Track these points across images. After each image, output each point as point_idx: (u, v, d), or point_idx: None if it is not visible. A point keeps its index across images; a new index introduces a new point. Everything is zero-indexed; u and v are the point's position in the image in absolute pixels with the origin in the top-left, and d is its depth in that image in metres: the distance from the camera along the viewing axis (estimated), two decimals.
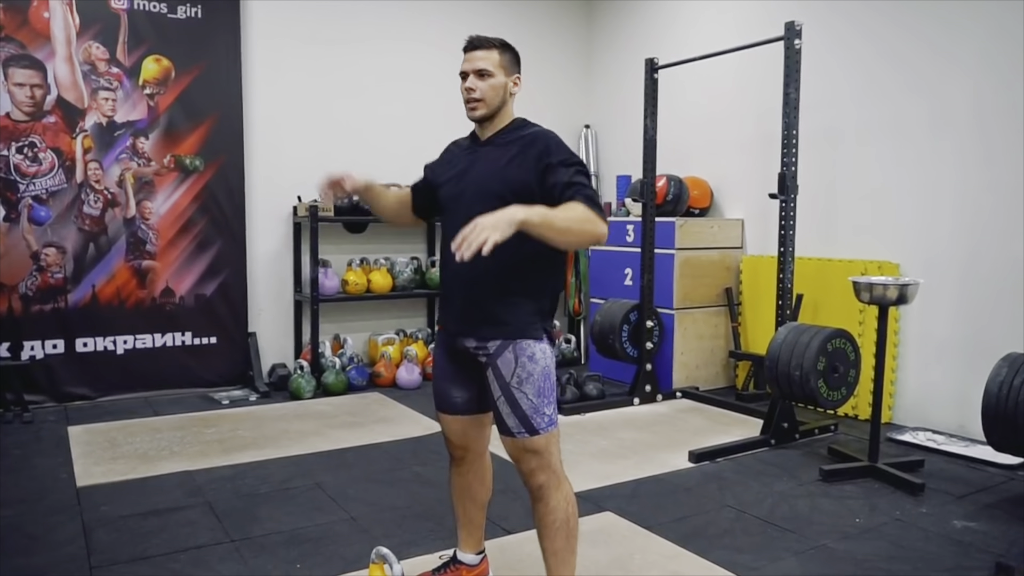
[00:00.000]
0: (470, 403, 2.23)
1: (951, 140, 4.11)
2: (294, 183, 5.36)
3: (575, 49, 6.59)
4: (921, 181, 4.25)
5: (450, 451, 2.33)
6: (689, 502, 3.22)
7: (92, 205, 4.74)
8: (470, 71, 2.09)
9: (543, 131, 2.12)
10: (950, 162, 4.12)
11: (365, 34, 5.60)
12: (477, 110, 2.10)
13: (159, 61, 4.86)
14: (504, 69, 2.11)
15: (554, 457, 2.08)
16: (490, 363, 2.08)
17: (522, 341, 2.06)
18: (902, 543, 2.82)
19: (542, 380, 2.06)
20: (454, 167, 2.20)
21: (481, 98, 2.08)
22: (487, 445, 2.35)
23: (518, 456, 2.07)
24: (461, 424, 2.25)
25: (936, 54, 4.16)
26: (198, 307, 5.06)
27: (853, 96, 4.57)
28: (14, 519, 2.96)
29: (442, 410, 2.27)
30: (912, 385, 4.35)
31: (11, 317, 4.55)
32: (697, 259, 5.16)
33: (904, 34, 4.30)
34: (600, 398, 4.85)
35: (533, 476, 2.06)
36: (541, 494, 2.06)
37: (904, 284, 3.39)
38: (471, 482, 2.34)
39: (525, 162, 2.03)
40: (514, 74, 2.14)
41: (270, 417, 4.49)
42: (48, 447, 3.87)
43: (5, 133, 4.49)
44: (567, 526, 2.07)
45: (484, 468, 2.36)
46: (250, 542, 2.79)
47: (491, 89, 2.09)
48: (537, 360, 2.06)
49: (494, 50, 2.10)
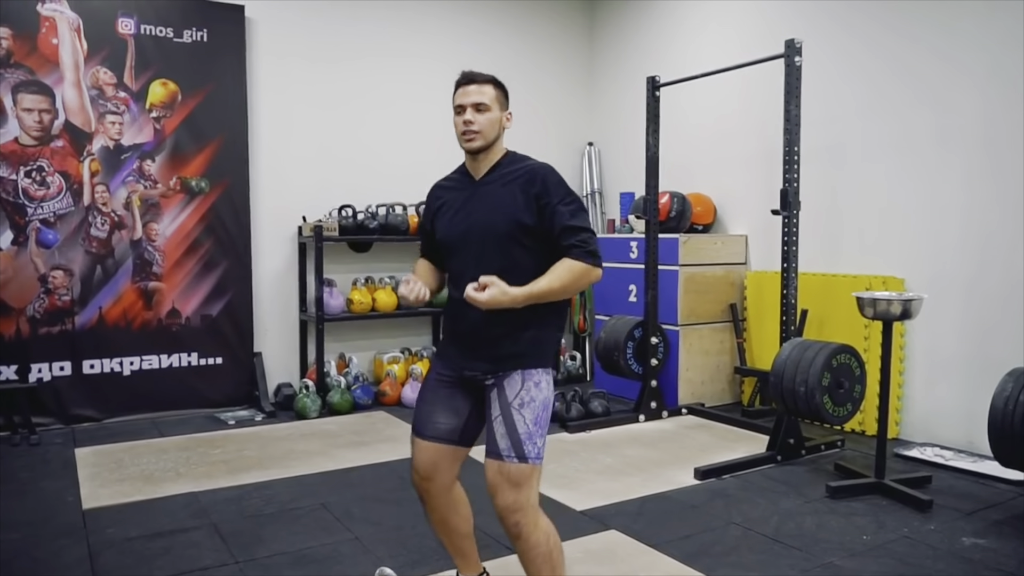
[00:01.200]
0: (452, 432, 2.19)
1: (957, 155, 4.11)
2: (299, 203, 5.40)
3: (577, 67, 6.64)
4: (927, 196, 4.25)
5: (415, 483, 2.26)
6: (695, 519, 3.21)
7: (99, 227, 4.78)
8: (467, 104, 2.12)
9: (538, 166, 2.15)
10: (956, 177, 4.12)
11: (369, 55, 5.65)
12: (475, 141, 2.12)
13: (165, 85, 4.92)
14: (499, 104, 2.16)
15: (533, 493, 2.04)
16: (496, 384, 2.09)
17: (532, 371, 2.09)
18: (910, 560, 2.79)
19: (541, 410, 2.08)
20: (452, 208, 2.20)
21: (479, 130, 2.11)
22: (453, 480, 2.27)
23: (497, 485, 2.02)
24: (434, 453, 2.19)
25: (942, 70, 4.17)
26: (204, 327, 5.08)
27: (858, 111, 4.58)
28: (20, 542, 2.96)
29: (420, 434, 2.21)
30: (919, 400, 4.33)
31: (19, 339, 4.58)
32: (701, 275, 5.16)
33: (910, 49, 4.32)
34: (605, 415, 4.84)
35: (509, 515, 2.01)
36: (518, 531, 2.03)
37: (908, 299, 3.38)
38: (445, 516, 2.28)
39: (526, 201, 2.08)
40: (506, 110, 2.20)
41: (276, 437, 4.50)
42: (55, 469, 3.88)
43: (14, 158, 4.55)
44: (551, 559, 2.05)
45: (454, 500, 2.29)
46: (255, 563, 2.78)
47: (488, 122, 2.13)
48: (542, 389, 2.09)
49: (489, 85, 2.15)
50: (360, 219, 5.40)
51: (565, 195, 2.09)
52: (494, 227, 2.09)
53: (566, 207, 2.06)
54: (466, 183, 2.21)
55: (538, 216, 2.07)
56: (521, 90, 6.31)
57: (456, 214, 2.18)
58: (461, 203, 2.18)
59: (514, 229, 2.08)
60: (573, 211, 2.07)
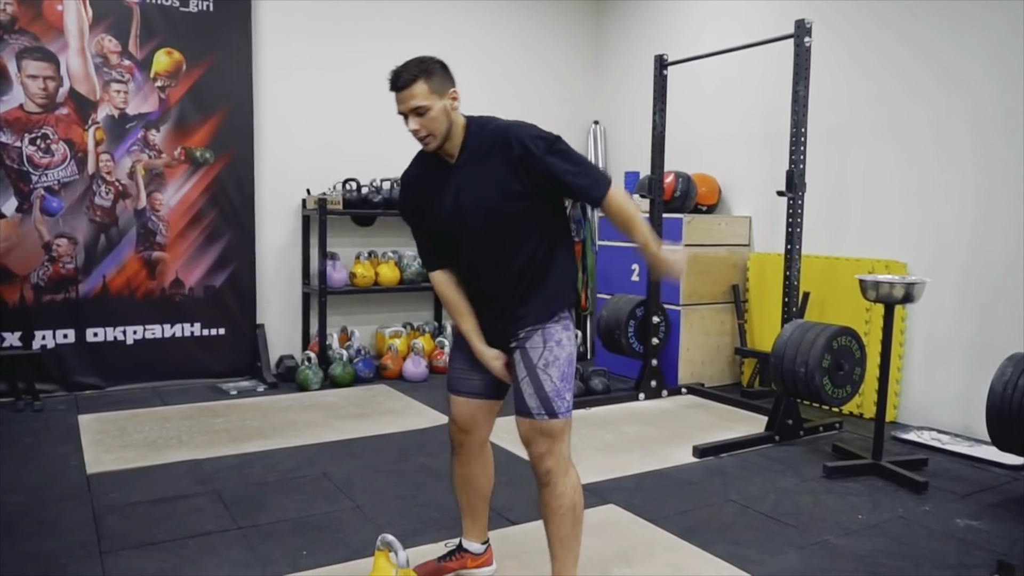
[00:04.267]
0: (487, 387, 2.27)
1: (961, 139, 4.10)
2: (303, 176, 5.39)
3: (584, 45, 6.59)
4: (931, 181, 4.24)
5: (452, 437, 2.35)
6: (692, 496, 3.24)
7: (103, 196, 4.78)
8: (406, 112, 2.03)
9: (506, 127, 2.09)
10: (960, 162, 4.11)
11: (375, 28, 5.62)
12: (430, 144, 2.07)
13: (171, 54, 4.89)
14: (437, 94, 2.02)
15: (565, 444, 2.12)
16: (519, 347, 2.13)
17: (551, 326, 2.12)
18: (904, 540, 2.83)
19: (566, 365, 2.12)
20: (438, 197, 2.14)
21: (428, 133, 2.04)
22: (489, 434, 2.38)
23: (531, 438, 2.10)
24: (471, 407, 2.29)
25: (948, 53, 4.15)
26: (207, 298, 5.10)
27: (863, 94, 4.56)
28: (25, 505, 3.00)
29: (456, 391, 2.30)
30: (918, 384, 4.35)
31: (23, 306, 4.60)
32: (704, 255, 5.17)
33: (917, 32, 4.29)
34: (605, 393, 4.87)
35: (542, 461, 2.09)
36: (549, 479, 2.09)
37: (910, 283, 3.39)
38: (473, 471, 2.37)
39: (512, 168, 2.03)
40: (448, 90, 2.05)
41: (277, 408, 4.53)
42: (59, 435, 3.92)
43: (18, 124, 4.54)
44: (573, 512, 2.10)
45: (485, 458, 2.38)
46: (257, 529, 2.82)
47: (433, 122, 2.03)
48: (564, 345, 2.12)
49: (419, 82, 2.00)
50: (364, 193, 5.39)
51: (542, 140, 2.04)
52: (490, 206, 2.07)
53: (553, 155, 2.03)
54: (443, 170, 2.13)
55: (529, 176, 2.03)
56: (526, 68, 6.32)
57: (446, 204, 2.12)
58: (447, 191, 2.11)
59: (509, 201, 2.06)
60: (563, 155, 2.04)
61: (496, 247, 2.10)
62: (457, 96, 2.09)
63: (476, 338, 2.22)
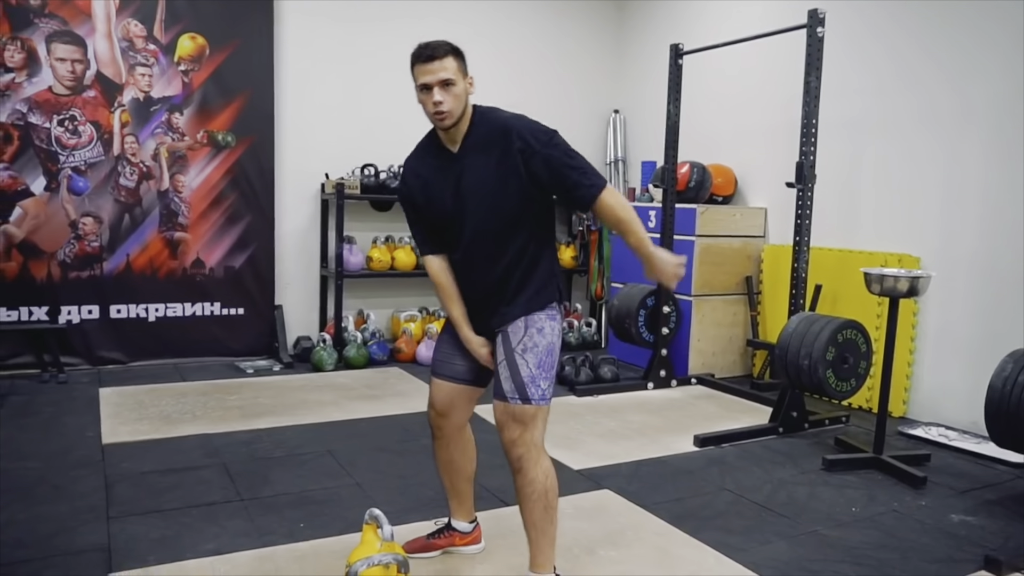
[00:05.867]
0: (469, 372, 2.32)
1: (977, 135, 4.04)
2: (322, 161, 5.48)
3: (606, 33, 6.58)
4: (946, 175, 4.19)
5: (430, 422, 2.39)
6: (688, 484, 3.27)
7: (128, 177, 4.92)
8: (434, 83, 2.04)
9: (509, 120, 2.13)
10: (975, 157, 4.05)
11: (396, 16, 5.67)
12: (446, 121, 2.08)
13: (194, 39, 5.00)
14: (461, 73, 2.08)
15: (537, 431, 2.14)
16: (502, 330, 2.18)
17: (536, 314, 2.17)
18: (895, 533, 2.83)
19: (545, 354, 2.15)
20: (439, 186, 2.18)
21: (449, 110, 2.06)
22: (467, 419, 2.41)
23: (504, 422, 2.14)
24: (451, 391, 2.33)
25: (966, 45, 4.08)
26: (227, 279, 5.23)
27: (880, 86, 4.51)
28: (42, 471, 3.14)
29: (438, 374, 2.35)
30: (928, 380, 4.32)
31: (50, 282, 4.76)
32: (718, 246, 5.16)
33: (935, 23, 4.23)
34: (614, 381, 4.90)
35: (513, 447, 2.12)
36: (520, 465, 2.12)
37: (915, 276, 3.37)
38: (453, 455, 2.41)
39: (511, 160, 2.08)
40: (467, 75, 2.12)
41: (291, 387, 4.64)
42: (79, 406, 4.07)
43: (47, 106, 4.68)
44: (545, 498, 2.13)
45: (464, 442, 2.42)
46: (259, 502, 2.92)
47: (455, 99, 2.06)
48: (545, 334, 2.16)
49: (449, 56, 2.05)
50: (382, 178, 5.46)
51: (543, 135, 2.09)
52: (488, 197, 2.12)
53: (552, 149, 2.07)
54: (444, 158, 2.17)
55: (527, 169, 2.08)
56: (547, 55, 6.32)
57: (447, 193, 2.16)
58: (448, 180, 2.15)
59: (507, 194, 2.11)
60: (561, 150, 2.09)
61: (491, 238, 2.16)
62: (473, 83, 2.15)
63: (464, 325, 2.27)
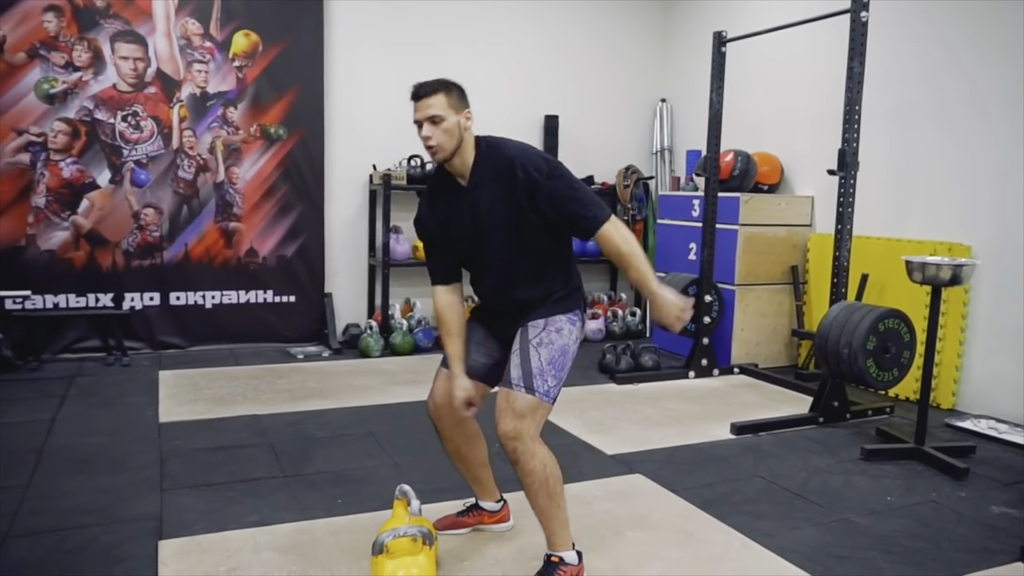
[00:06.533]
0: (479, 369, 2.35)
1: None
2: (370, 152, 5.62)
3: (654, 23, 6.55)
4: (1001, 163, 4.06)
5: (429, 414, 2.43)
6: (721, 470, 3.28)
7: (186, 170, 5.14)
8: (423, 119, 2.15)
9: (514, 153, 2.19)
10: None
11: (440, 8, 5.76)
12: (437, 154, 2.18)
13: (248, 36, 5.19)
14: (453, 108, 2.16)
15: (533, 426, 2.14)
16: (522, 324, 2.25)
17: (557, 316, 2.25)
18: (930, 523, 2.80)
19: (558, 353, 2.20)
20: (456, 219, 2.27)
21: (437, 144, 2.15)
22: None
23: (501, 412, 2.14)
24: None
25: (1016, 33, 3.95)
26: (279, 267, 5.42)
27: (930, 70, 4.39)
28: (103, 446, 3.34)
29: (447, 365, 2.37)
30: (979, 372, 4.21)
31: (114, 271, 5.02)
32: (762, 235, 5.11)
33: (986, 5, 4.10)
34: (655, 369, 4.91)
35: (507, 440, 2.13)
36: (516, 457, 2.14)
37: (958, 264, 3.30)
38: (459, 447, 2.46)
39: (516, 193, 2.16)
40: (464, 110, 2.20)
41: (338, 372, 4.80)
42: (140, 388, 4.29)
43: (112, 103, 4.93)
44: (546, 486, 2.15)
45: (467, 433, 2.45)
46: (301, 478, 3.05)
47: (445, 133, 2.14)
48: (563, 335, 2.22)
49: (439, 94, 2.15)
50: (428, 169, 5.57)
51: (545, 168, 2.15)
52: (503, 228, 2.20)
53: (555, 181, 2.14)
54: (456, 191, 2.26)
55: (530, 201, 2.16)
56: (597, 45, 6.34)
57: (466, 226, 2.25)
58: (464, 213, 2.24)
59: (520, 223, 2.19)
60: (564, 181, 2.15)
61: (510, 264, 2.24)
62: (471, 117, 2.22)
63: (457, 363, 2.30)
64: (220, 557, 2.41)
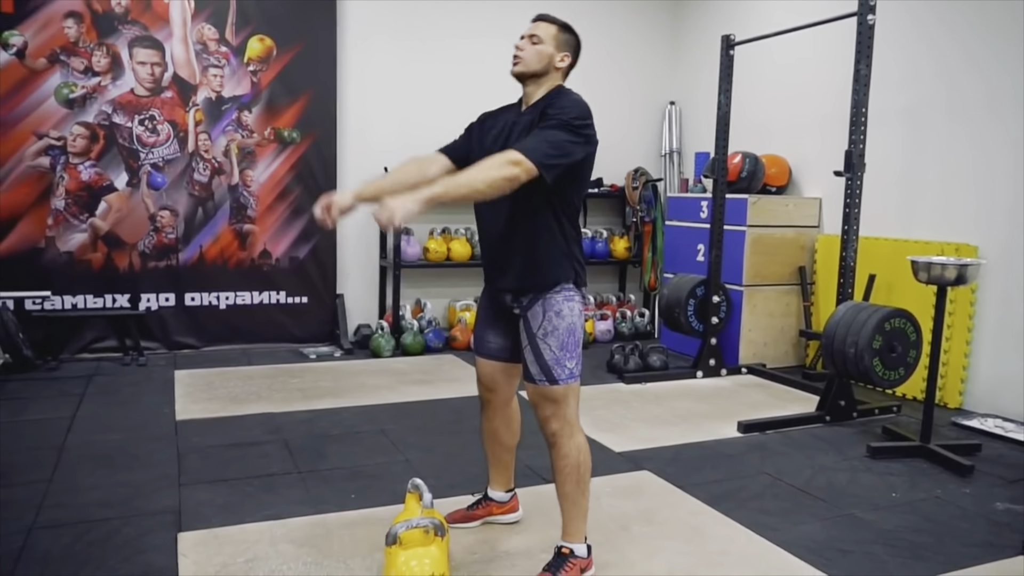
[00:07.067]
0: (502, 351, 2.44)
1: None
2: (382, 155, 5.67)
3: (663, 25, 6.60)
4: (1006, 161, 4.10)
5: (480, 394, 2.55)
6: (728, 468, 3.33)
7: (201, 173, 5.23)
8: (526, 35, 2.29)
9: (565, 93, 2.25)
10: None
11: (452, 14, 5.83)
12: (516, 65, 2.28)
13: (263, 41, 5.27)
14: (556, 42, 2.28)
15: (570, 408, 2.26)
16: (522, 315, 2.29)
17: (552, 297, 2.24)
18: (934, 518, 2.84)
19: (566, 335, 2.24)
20: (495, 127, 2.33)
21: (523, 57, 2.26)
22: (513, 393, 2.55)
23: (537, 402, 2.27)
24: (491, 368, 2.48)
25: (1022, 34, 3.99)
26: (292, 269, 5.50)
27: (939, 72, 4.43)
28: (123, 442, 3.42)
29: (478, 352, 2.50)
30: (986, 371, 4.23)
31: (131, 272, 5.11)
32: (770, 236, 5.15)
33: (995, 6, 4.13)
34: (663, 369, 4.96)
35: (548, 423, 2.25)
36: (554, 440, 2.25)
37: (963, 264, 3.33)
38: (497, 427, 2.56)
39: (535, 124, 2.19)
40: (564, 51, 2.29)
41: (350, 372, 4.87)
42: (156, 386, 4.38)
43: (130, 107, 5.02)
44: (577, 472, 2.25)
45: (510, 415, 2.57)
46: (315, 474, 3.12)
47: (535, 53, 2.26)
48: (564, 316, 2.25)
49: (554, 26, 2.30)
50: None
51: (561, 111, 2.15)
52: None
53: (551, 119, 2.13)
54: (513, 112, 2.35)
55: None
56: (607, 46, 6.39)
57: (495, 139, 2.30)
58: (503, 128, 2.30)
59: None
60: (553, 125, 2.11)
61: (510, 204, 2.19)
62: (567, 60, 2.31)
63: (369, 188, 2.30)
64: (238, 549, 2.47)
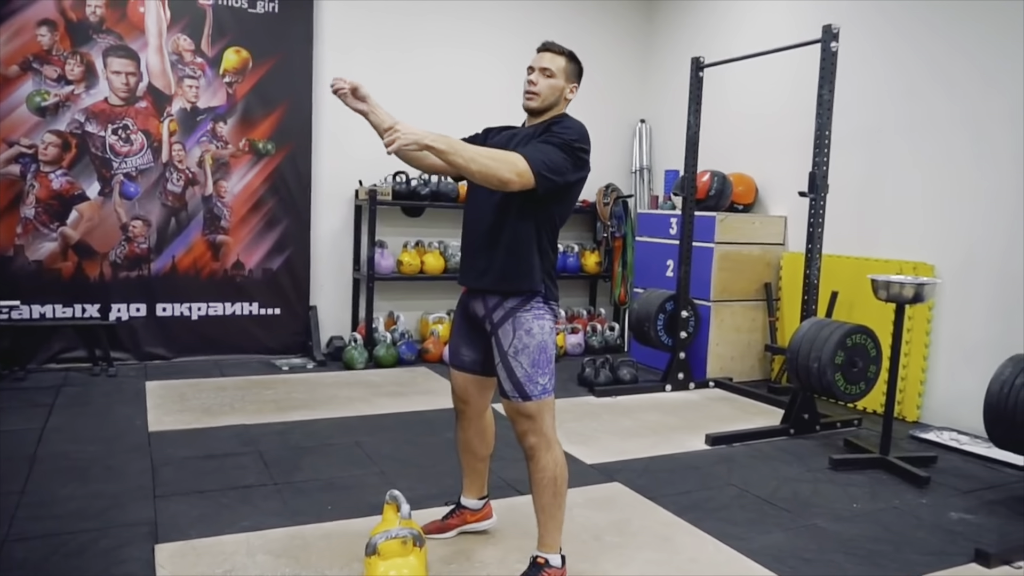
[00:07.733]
0: (475, 364, 2.51)
1: (995, 141, 4.12)
2: (356, 168, 5.74)
3: (635, 44, 6.75)
4: (962, 182, 4.28)
5: (455, 404, 2.61)
6: (696, 479, 3.42)
7: (175, 183, 5.22)
8: (536, 67, 2.35)
9: (569, 117, 2.35)
10: (993, 163, 4.14)
11: (430, 32, 5.91)
12: (532, 101, 2.36)
13: (239, 52, 5.29)
14: (566, 75, 2.36)
15: (546, 422, 2.32)
16: (493, 332, 2.36)
17: (522, 315, 2.31)
18: (893, 528, 2.95)
19: (537, 353, 2.31)
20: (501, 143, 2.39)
21: (538, 92, 2.34)
22: (487, 405, 2.61)
23: (513, 417, 2.34)
24: (465, 380, 2.54)
25: (981, 55, 4.17)
26: (265, 280, 5.50)
27: (895, 95, 4.61)
28: (96, 455, 3.41)
29: (453, 365, 2.57)
30: (942, 386, 4.40)
31: (102, 281, 5.08)
32: (737, 253, 5.29)
33: (949, 33, 4.33)
34: (633, 383, 5.05)
35: (525, 437, 2.32)
36: (532, 454, 2.32)
37: (920, 283, 3.48)
38: (471, 437, 2.62)
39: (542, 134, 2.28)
40: (573, 83, 2.40)
41: (323, 383, 4.88)
42: (128, 398, 4.35)
43: (103, 116, 5.00)
44: (554, 484, 2.32)
45: (484, 426, 2.62)
46: (291, 486, 3.14)
47: (549, 87, 2.34)
48: (534, 335, 2.31)
49: (562, 56, 2.37)
50: (413, 185, 5.70)
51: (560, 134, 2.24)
52: None
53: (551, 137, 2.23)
54: (516, 127, 2.48)
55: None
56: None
57: (501, 140, 2.39)
58: (507, 140, 2.39)
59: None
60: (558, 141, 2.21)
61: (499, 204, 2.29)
62: (575, 92, 2.42)
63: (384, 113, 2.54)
64: (215, 560, 2.49)
